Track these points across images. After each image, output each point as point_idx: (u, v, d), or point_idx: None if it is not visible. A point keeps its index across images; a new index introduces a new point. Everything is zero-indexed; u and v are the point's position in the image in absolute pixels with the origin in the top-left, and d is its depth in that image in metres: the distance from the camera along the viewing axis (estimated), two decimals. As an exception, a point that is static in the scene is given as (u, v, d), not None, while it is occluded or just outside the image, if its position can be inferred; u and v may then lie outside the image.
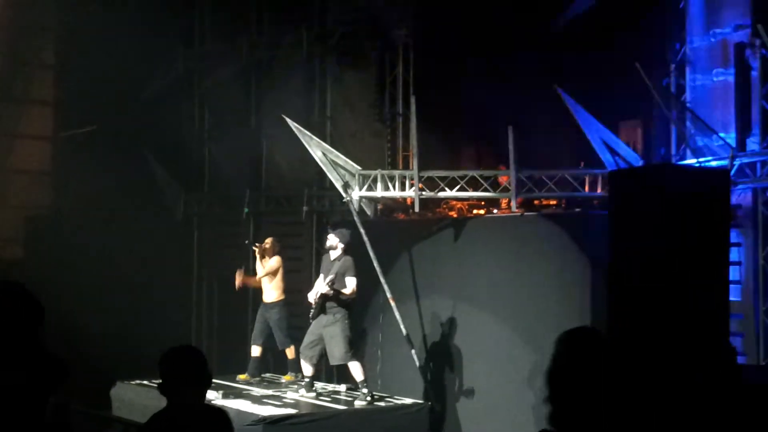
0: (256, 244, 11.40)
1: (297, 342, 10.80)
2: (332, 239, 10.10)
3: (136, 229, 12.96)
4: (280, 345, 11.29)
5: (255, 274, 11.42)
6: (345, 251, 10.01)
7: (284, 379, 11.27)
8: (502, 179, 10.71)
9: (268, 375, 11.61)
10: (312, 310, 9.97)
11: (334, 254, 10.03)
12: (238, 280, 11.36)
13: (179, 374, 4.01)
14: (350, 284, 9.85)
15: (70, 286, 12.18)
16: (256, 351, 11.32)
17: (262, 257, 11.31)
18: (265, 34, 13.57)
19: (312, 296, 9.96)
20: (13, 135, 14.43)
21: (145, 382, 10.54)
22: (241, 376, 11.16)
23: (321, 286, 9.88)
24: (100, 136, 13.58)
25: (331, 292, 9.74)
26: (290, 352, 11.24)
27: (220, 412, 4.29)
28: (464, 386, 10.41)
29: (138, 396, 10.34)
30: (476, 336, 10.40)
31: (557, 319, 9.65)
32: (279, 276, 11.29)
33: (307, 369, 10.20)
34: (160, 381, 4.03)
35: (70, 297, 11.79)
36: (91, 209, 13.21)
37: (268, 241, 11.41)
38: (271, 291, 11.29)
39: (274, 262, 11.27)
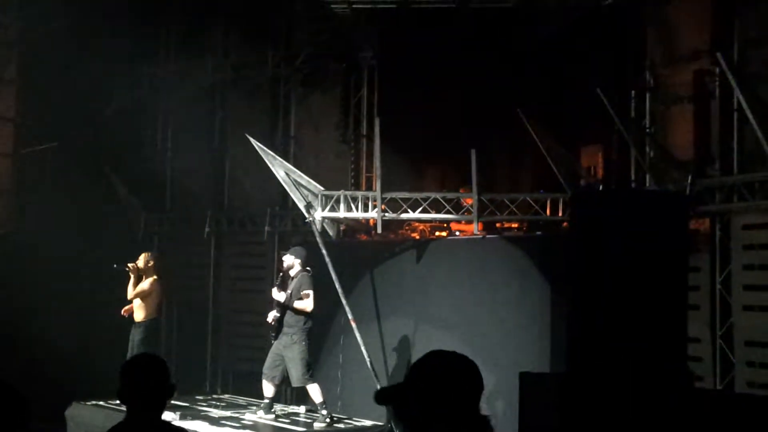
0: (128, 265, 10.82)
1: None
2: (288, 259, 10.08)
3: (96, 247, 12.82)
4: None
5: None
6: (303, 268, 9.99)
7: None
8: (466, 201, 10.76)
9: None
10: (271, 331, 9.95)
11: (292, 272, 10.02)
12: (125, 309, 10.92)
13: (140, 382, 3.92)
14: (306, 298, 9.79)
15: (29, 304, 12.02)
16: None
17: (138, 277, 10.79)
18: (231, 54, 13.55)
19: (270, 317, 9.92)
20: (-27, 151, 14.26)
21: (101, 402, 10.39)
22: None
23: (278, 296, 9.85)
24: (61, 153, 13.45)
25: (285, 299, 9.72)
26: None
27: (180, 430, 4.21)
28: (424, 408, 10.38)
29: (94, 417, 10.18)
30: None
31: (518, 340, 9.71)
32: (151, 297, 10.75)
33: (268, 390, 10.12)
34: (119, 387, 3.92)
35: (28, 314, 11.64)
36: (52, 226, 13.05)
37: (141, 257, 10.86)
38: (139, 311, 10.74)
39: (147, 284, 10.72)
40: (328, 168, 12.28)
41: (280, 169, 11.10)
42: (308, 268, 10.04)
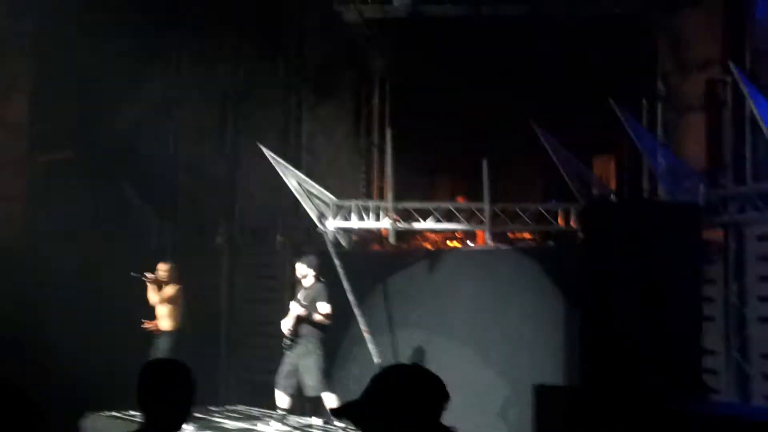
0: (146, 275, 11.16)
1: None
2: (301, 268, 10.08)
3: (109, 256, 12.85)
4: None
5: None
6: (316, 278, 10.00)
7: None
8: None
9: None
10: (285, 340, 9.95)
11: (306, 282, 10.02)
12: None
13: (160, 388, 3.64)
14: (323, 309, 9.81)
15: (41, 313, 12.05)
16: None
17: (159, 286, 11.07)
18: (243, 65, 13.58)
19: (285, 325, 9.93)
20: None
21: (117, 413, 10.40)
22: None
23: (295, 309, 9.85)
24: (75, 162, 13.49)
25: (305, 312, 9.73)
26: None
27: None
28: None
29: (110, 428, 10.21)
30: (449, 368, 10.35)
31: (531, 351, 9.70)
32: (175, 305, 11.08)
33: (283, 400, 10.12)
34: (138, 393, 3.66)
35: (40, 324, 11.67)
36: (63, 235, 13.09)
37: (162, 268, 11.22)
38: (165, 320, 11.09)
39: (170, 291, 11.07)
40: (340, 178, 12.28)
41: (293, 178, 11.12)
42: (321, 279, 10.06)
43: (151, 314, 11.49)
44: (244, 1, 13.35)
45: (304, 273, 10.03)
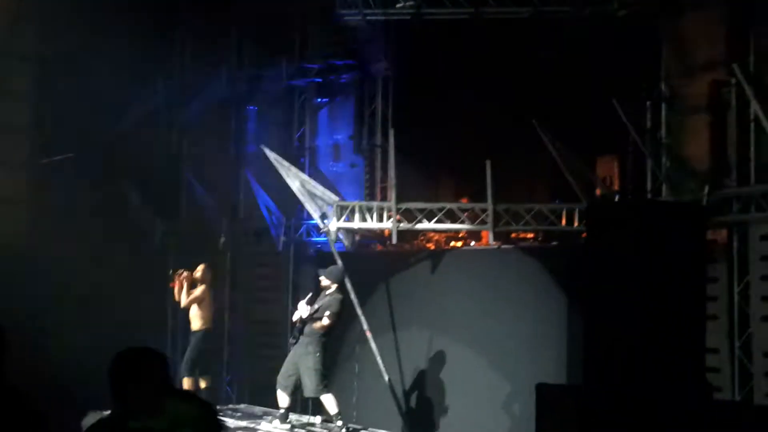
0: (179, 272, 11.29)
1: (201, 377, 11.08)
2: (324, 280, 10.17)
3: (112, 257, 12.86)
4: (181, 372, 11.22)
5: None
6: (338, 289, 10.05)
7: None
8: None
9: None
10: (291, 337, 10.01)
11: (327, 292, 10.08)
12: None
13: (128, 375, 3.67)
14: (327, 318, 9.85)
15: (44, 315, 12.05)
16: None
17: (191, 286, 11.21)
18: (246, 65, 13.60)
19: (296, 316, 9.99)
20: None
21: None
22: None
23: (303, 310, 9.90)
24: (76, 163, 13.49)
25: (304, 316, 9.81)
26: (186, 383, 11.16)
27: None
28: (440, 417, 10.38)
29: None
30: (452, 367, 10.39)
31: (533, 350, 9.69)
32: (205, 305, 11.21)
33: (283, 399, 10.13)
34: (110, 384, 3.70)
35: (43, 325, 11.67)
36: (67, 238, 13.09)
37: (200, 268, 11.35)
38: (195, 320, 11.27)
39: (199, 291, 11.21)
40: (342, 179, 12.29)
41: (295, 179, 11.13)
42: (343, 291, 10.12)
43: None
44: (248, 2, 13.37)
45: (327, 285, 10.10)
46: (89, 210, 13.11)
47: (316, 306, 9.88)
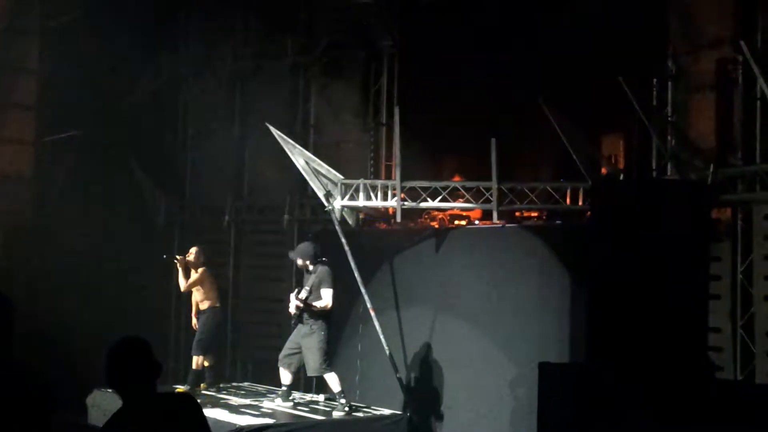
0: (177, 257, 11.33)
1: (208, 355, 11.12)
2: (299, 261, 10.13)
3: (117, 235, 12.90)
4: (192, 350, 11.28)
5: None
6: (320, 262, 9.98)
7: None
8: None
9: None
10: (292, 320, 9.99)
11: (310, 268, 10.03)
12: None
13: (124, 366, 4.02)
14: (325, 296, 9.81)
15: (50, 292, 12.10)
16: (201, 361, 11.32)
17: (186, 269, 11.23)
18: (251, 43, 13.55)
19: (292, 307, 9.95)
20: (-6, 139, 14.31)
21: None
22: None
23: (293, 304, 9.89)
24: (82, 142, 13.50)
25: (301, 305, 9.74)
26: (195, 362, 11.19)
27: (184, 396, 4.34)
28: (443, 397, 10.39)
29: (114, 403, 10.18)
30: (456, 346, 10.39)
31: (537, 329, 9.69)
32: (207, 286, 11.28)
33: (285, 377, 10.15)
34: (107, 376, 4.02)
35: (49, 302, 11.71)
36: (73, 215, 13.12)
37: (192, 251, 11.37)
38: (203, 301, 11.34)
39: (196, 275, 11.24)
40: (347, 157, 12.25)
41: (300, 157, 11.09)
42: (323, 259, 10.04)
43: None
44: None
45: (301, 264, 10.08)
46: (95, 188, 13.13)
47: (307, 288, 9.85)
